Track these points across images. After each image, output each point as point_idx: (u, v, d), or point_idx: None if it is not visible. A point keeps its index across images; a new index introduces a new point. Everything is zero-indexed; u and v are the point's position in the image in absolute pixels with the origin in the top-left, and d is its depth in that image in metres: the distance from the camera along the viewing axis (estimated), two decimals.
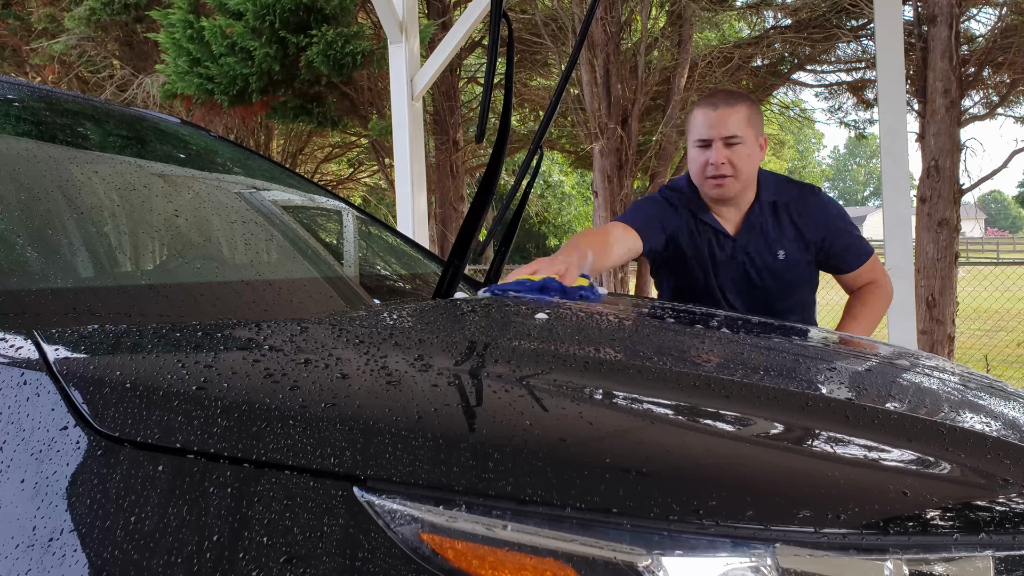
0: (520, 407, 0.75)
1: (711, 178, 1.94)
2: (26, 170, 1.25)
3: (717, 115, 1.91)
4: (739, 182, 1.94)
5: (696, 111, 1.98)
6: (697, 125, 1.95)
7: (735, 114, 1.91)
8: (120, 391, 0.71)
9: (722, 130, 1.91)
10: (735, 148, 1.91)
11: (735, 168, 1.92)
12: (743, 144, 1.92)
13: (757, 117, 1.96)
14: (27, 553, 0.65)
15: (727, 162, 1.92)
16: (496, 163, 1.20)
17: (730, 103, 1.92)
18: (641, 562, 0.62)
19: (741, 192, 1.99)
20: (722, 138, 1.91)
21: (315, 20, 6.51)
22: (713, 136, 1.92)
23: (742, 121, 1.91)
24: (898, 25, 3.41)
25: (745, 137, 1.92)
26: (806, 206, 2.03)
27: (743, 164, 1.93)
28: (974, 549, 0.69)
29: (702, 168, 1.95)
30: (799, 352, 1.29)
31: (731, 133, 1.90)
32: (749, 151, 1.93)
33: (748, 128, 1.92)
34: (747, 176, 1.96)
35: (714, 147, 1.92)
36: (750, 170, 1.96)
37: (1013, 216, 75.18)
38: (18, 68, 9.61)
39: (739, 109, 1.92)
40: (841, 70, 8.91)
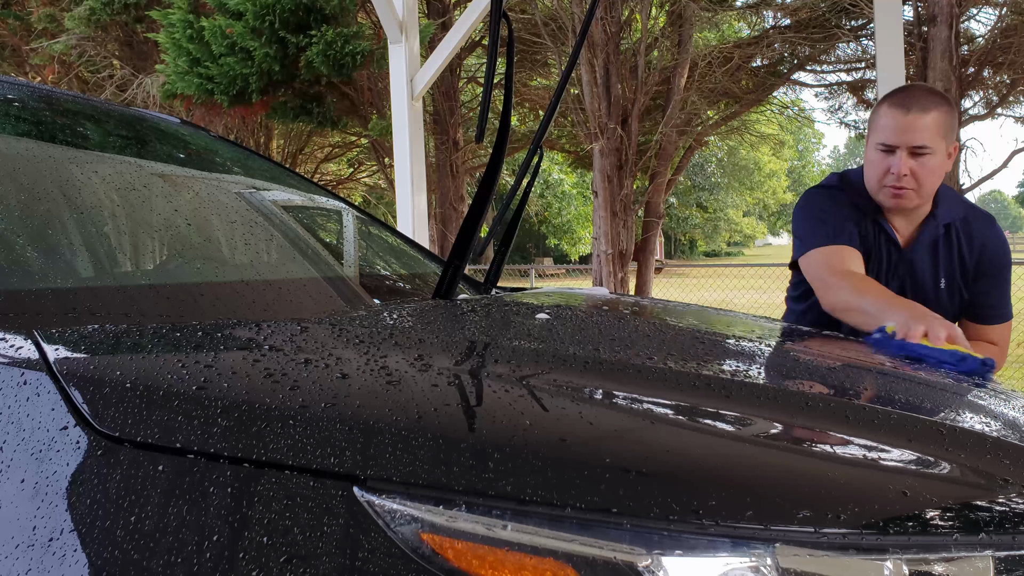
0: (520, 407, 0.75)
1: (890, 187, 1.74)
2: (26, 170, 1.25)
3: (908, 120, 1.69)
4: (920, 196, 1.75)
5: (884, 108, 1.75)
6: (883, 127, 1.73)
7: (928, 121, 1.69)
8: (120, 391, 0.71)
9: (911, 138, 1.69)
10: (922, 159, 1.70)
11: (918, 181, 1.72)
12: (932, 155, 1.70)
13: (951, 123, 1.73)
14: (27, 553, 0.65)
15: (910, 174, 1.71)
16: (496, 163, 1.20)
17: (924, 107, 1.69)
18: (641, 562, 0.62)
19: (920, 206, 1.80)
20: (909, 147, 1.70)
21: (315, 20, 6.51)
22: (899, 143, 1.70)
23: (935, 130, 1.69)
24: (898, 25, 3.41)
25: (935, 148, 1.70)
26: (982, 237, 1.84)
27: (927, 178, 1.72)
28: (974, 549, 0.69)
29: (882, 175, 1.75)
30: (799, 352, 1.29)
31: (920, 143, 1.69)
32: (937, 163, 1.72)
33: (940, 138, 1.70)
34: (930, 190, 1.76)
35: (898, 155, 1.71)
36: (934, 184, 1.75)
37: (1013, 216, 75.22)
38: (18, 68, 9.62)
39: (933, 116, 1.69)
40: (841, 70, 8.92)
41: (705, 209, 34.30)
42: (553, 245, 31.36)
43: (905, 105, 1.71)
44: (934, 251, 1.83)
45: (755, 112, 11.02)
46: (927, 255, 1.83)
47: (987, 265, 1.83)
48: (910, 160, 1.70)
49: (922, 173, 1.71)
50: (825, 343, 1.43)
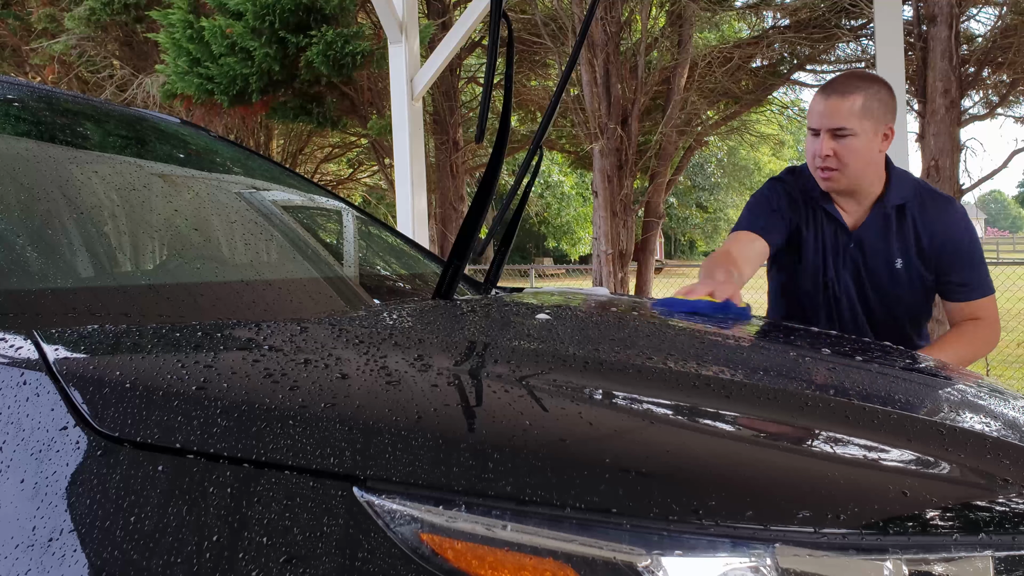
0: (520, 407, 0.75)
1: (819, 169, 1.85)
2: (26, 170, 1.25)
3: (828, 104, 1.80)
4: (846, 176, 1.83)
5: (815, 95, 1.87)
6: (810, 112, 1.86)
7: (847, 104, 1.77)
8: (120, 391, 0.71)
9: (829, 121, 1.79)
10: (844, 140, 1.79)
11: (842, 161, 1.80)
12: (855, 137, 1.78)
13: (877, 106, 1.79)
14: (27, 553, 0.65)
15: (833, 154, 1.80)
16: (496, 163, 1.20)
17: (844, 92, 1.79)
18: (641, 562, 0.62)
19: (858, 185, 1.86)
20: (829, 129, 1.80)
21: (315, 20, 6.51)
22: (821, 126, 1.81)
23: (854, 112, 1.77)
24: (898, 25, 3.41)
25: (857, 129, 1.78)
26: (939, 215, 1.87)
27: (851, 158, 1.80)
28: (974, 549, 0.69)
29: (811, 158, 1.86)
30: (799, 352, 1.29)
31: (838, 125, 1.78)
32: (861, 144, 1.79)
33: (862, 119, 1.78)
34: (857, 170, 1.82)
35: (821, 137, 1.81)
36: (861, 164, 1.82)
37: (1013, 216, 75.19)
38: (18, 68, 9.62)
39: (853, 99, 1.77)
40: (841, 70, 8.91)
41: (705, 209, 34.28)
42: (553, 245, 31.35)
43: (827, 90, 1.81)
44: (885, 232, 1.87)
45: (755, 112, 11.02)
46: (878, 236, 1.87)
47: (948, 245, 1.85)
48: (832, 142, 1.79)
49: (844, 153, 1.79)
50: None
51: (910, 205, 1.87)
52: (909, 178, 1.94)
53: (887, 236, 1.87)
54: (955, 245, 1.86)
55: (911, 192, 1.89)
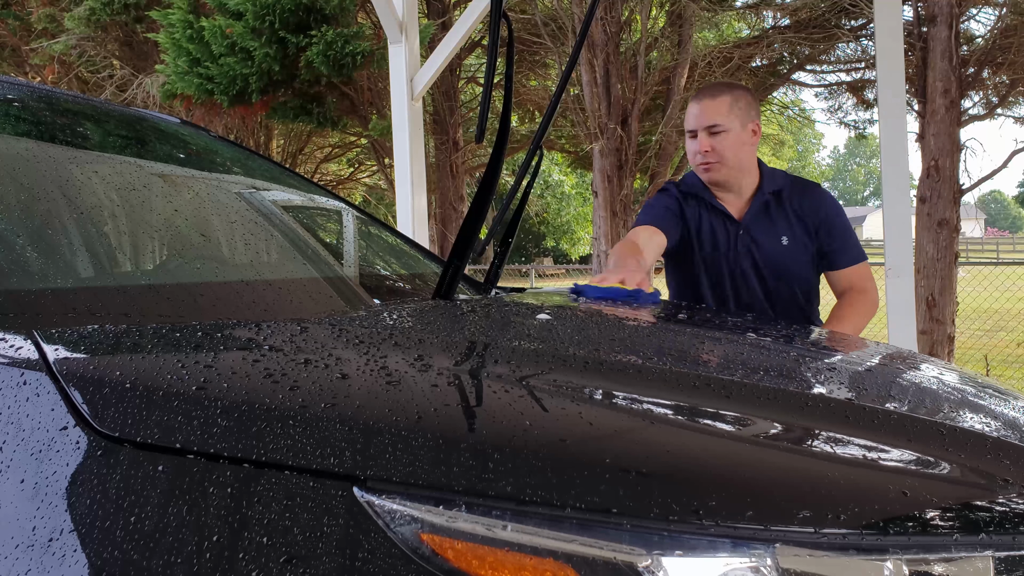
0: (520, 407, 0.75)
1: (700, 164, 2.11)
2: (26, 170, 1.25)
3: (700, 107, 2.08)
4: (725, 167, 2.09)
5: (689, 104, 2.15)
6: (687, 117, 2.14)
7: (716, 104, 2.06)
8: (120, 391, 0.71)
9: (704, 120, 2.07)
10: (718, 136, 2.07)
11: (719, 155, 2.07)
12: (727, 132, 2.06)
13: (742, 105, 2.08)
14: (27, 553, 0.65)
15: (711, 149, 2.07)
16: (496, 163, 1.20)
17: (712, 95, 2.08)
18: (641, 562, 0.62)
19: (736, 178, 2.12)
20: (704, 128, 2.07)
21: (315, 20, 6.51)
22: (697, 126, 2.09)
23: (723, 111, 2.06)
24: (898, 25, 3.41)
25: (727, 125, 2.06)
26: (809, 196, 2.14)
27: (727, 151, 2.07)
28: (974, 549, 0.69)
29: (693, 156, 2.13)
30: (799, 352, 1.29)
31: (711, 123, 2.06)
32: (734, 139, 2.07)
33: (730, 117, 2.06)
34: (734, 162, 2.09)
35: (699, 136, 2.09)
36: (736, 156, 2.09)
37: (1013, 216, 75.21)
38: (18, 68, 9.61)
39: (721, 100, 2.06)
40: (841, 70, 8.91)
41: None
42: (552, 245, 31.34)
43: (698, 96, 2.12)
44: (768, 216, 2.14)
45: None
46: (763, 220, 2.14)
47: (823, 221, 2.12)
48: (708, 138, 2.08)
49: (720, 147, 2.07)
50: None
51: (785, 192, 2.14)
52: (779, 172, 2.21)
53: (770, 218, 2.14)
54: (828, 221, 2.12)
55: (784, 181, 2.16)
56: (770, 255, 2.11)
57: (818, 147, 50.37)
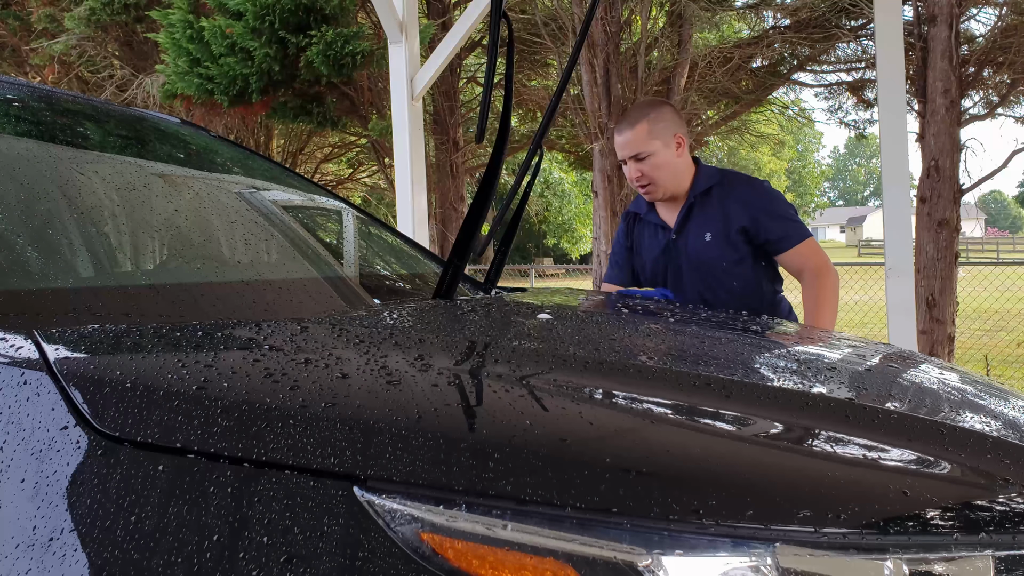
0: (520, 407, 0.75)
1: (638, 187, 2.24)
2: (26, 170, 1.25)
3: (620, 140, 2.20)
4: (660, 185, 2.21)
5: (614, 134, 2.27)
6: (615, 147, 2.24)
7: (635, 134, 2.17)
8: (120, 391, 0.71)
9: (628, 150, 2.19)
10: (644, 162, 2.18)
11: (650, 177, 2.19)
12: (652, 155, 2.17)
13: (661, 126, 2.17)
14: (27, 553, 0.65)
15: (642, 174, 2.19)
16: (496, 163, 1.20)
17: (631, 124, 2.19)
18: (641, 562, 0.62)
19: (674, 190, 2.23)
20: (629, 157, 2.20)
21: (315, 20, 6.51)
22: (624, 156, 2.22)
23: (642, 137, 2.17)
24: (898, 25, 3.41)
25: (650, 149, 2.17)
26: (736, 190, 2.21)
27: (655, 172, 2.19)
28: (974, 549, 0.69)
29: (630, 181, 2.26)
30: (799, 352, 1.29)
31: (635, 152, 2.18)
32: (659, 159, 2.18)
33: (651, 140, 2.17)
34: (666, 178, 2.20)
35: (628, 164, 2.22)
36: (666, 174, 2.20)
37: (1013, 216, 75.20)
38: (18, 68, 9.61)
39: (639, 127, 2.17)
40: (841, 70, 8.90)
41: None
42: (553, 244, 31.33)
43: (619, 127, 2.23)
44: (694, 215, 2.24)
45: (755, 112, 11.01)
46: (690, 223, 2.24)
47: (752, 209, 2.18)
48: (638, 164, 2.19)
49: (648, 170, 2.19)
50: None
51: (715, 189, 2.22)
52: (715, 170, 2.28)
53: (697, 218, 2.23)
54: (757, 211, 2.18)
55: (716, 179, 2.24)
56: (696, 253, 2.21)
57: (818, 147, 50.37)
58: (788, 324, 1.81)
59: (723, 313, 1.72)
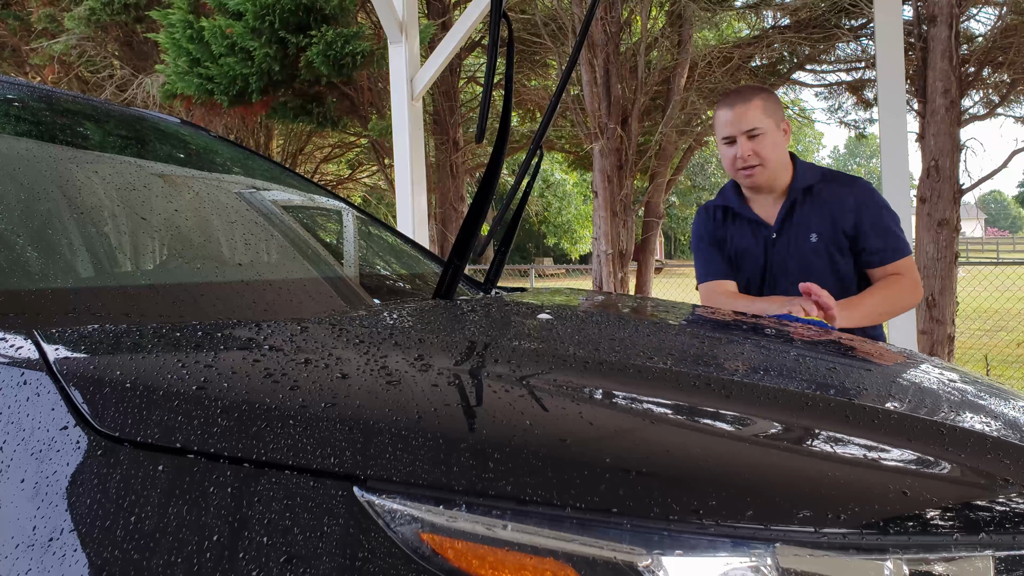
0: (520, 407, 0.75)
1: (741, 169, 2.10)
2: (26, 170, 1.25)
3: (735, 113, 2.07)
4: (767, 169, 2.08)
5: (717, 112, 2.13)
6: (720, 124, 2.11)
7: (751, 109, 2.06)
8: (120, 391, 0.71)
9: (742, 124, 2.06)
10: (757, 139, 2.06)
11: (761, 157, 2.06)
12: (764, 134, 2.06)
13: (773, 106, 2.09)
14: (27, 553, 0.65)
15: (753, 153, 2.06)
16: (496, 163, 1.20)
17: (745, 99, 2.08)
18: (641, 562, 0.62)
19: (774, 179, 2.11)
20: (743, 132, 2.06)
21: (315, 20, 6.51)
22: (735, 132, 2.08)
23: (759, 113, 2.06)
24: (898, 25, 3.41)
25: (764, 127, 2.06)
26: (841, 192, 2.09)
27: (767, 152, 2.07)
28: (974, 549, 0.69)
29: (732, 163, 2.11)
30: (799, 352, 1.29)
31: (751, 127, 2.05)
32: (772, 139, 2.07)
33: (766, 118, 2.06)
34: (775, 162, 2.09)
35: (738, 142, 2.08)
36: (776, 156, 2.08)
37: (1013, 216, 75.19)
38: (18, 68, 9.61)
39: (754, 102, 2.06)
40: (841, 70, 8.91)
41: None
42: (553, 244, 31.34)
43: (730, 103, 2.10)
44: (799, 216, 2.11)
45: None
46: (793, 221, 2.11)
47: (862, 216, 2.07)
48: (749, 143, 2.07)
49: (761, 149, 2.07)
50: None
51: (817, 187, 2.11)
52: (815, 167, 2.16)
53: (801, 218, 2.10)
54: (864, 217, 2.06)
55: (818, 176, 2.13)
56: (801, 255, 2.08)
57: (818, 147, 50.36)
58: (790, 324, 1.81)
59: (725, 314, 1.72)
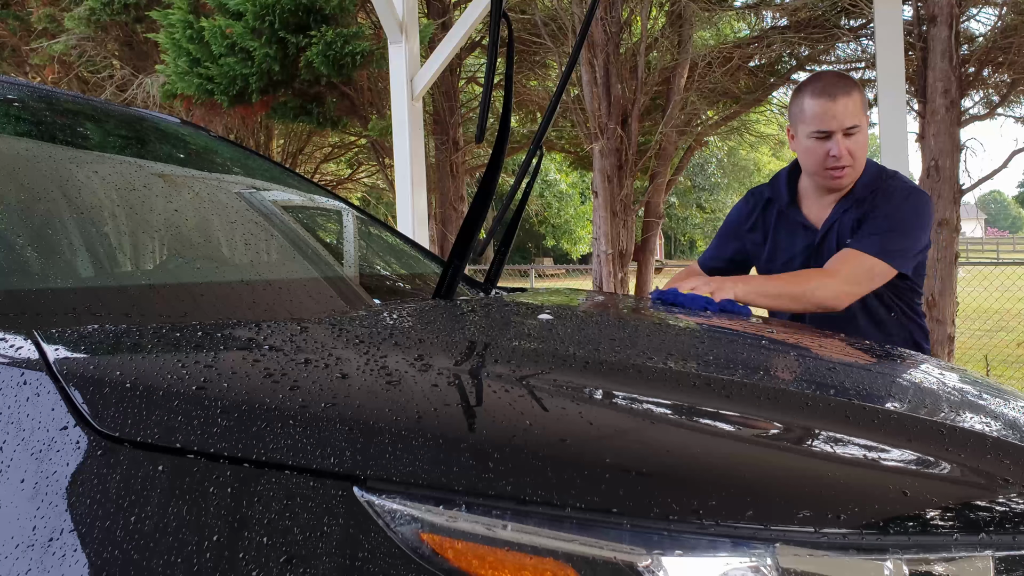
0: (520, 407, 0.75)
1: (832, 169, 1.89)
2: (26, 170, 1.25)
3: (839, 105, 1.84)
4: (856, 171, 1.92)
5: (809, 100, 1.89)
6: (816, 115, 1.87)
7: (852, 102, 1.85)
8: (120, 391, 0.71)
9: (844, 121, 1.85)
10: (854, 138, 1.87)
11: (854, 158, 1.88)
12: (861, 132, 1.88)
13: (866, 100, 1.91)
14: (27, 553, 0.65)
15: (847, 152, 1.87)
16: (496, 163, 1.20)
17: (847, 91, 1.85)
18: (641, 562, 0.62)
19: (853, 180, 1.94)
20: (843, 129, 1.85)
21: (315, 20, 6.51)
22: (835, 128, 1.85)
23: (859, 109, 1.86)
24: (898, 25, 3.41)
25: (862, 124, 1.88)
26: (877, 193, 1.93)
27: (860, 152, 1.90)
28: (974, 549, 0.69)
29: (822, 159, 1.89)
30: (797, 352, 1.29)
31: (853, 123, 1.85)
32: (864, 139, 1.91)
33: (862, 115, 1.88)
34: (862, 163, 1.93)
35: (835, 139, 1.86)
36: (864, 156, 1.93)
37: (1013, 216, 75.18)
38: (18, 68, 9.61)
39: (855, 96, 1.86)
40: (841, 70, 8.90)
41: (705, 209, 34.28)
42: (553, 245, 31.35)
43: (831, 93, 1.85)
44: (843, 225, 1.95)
45: (755, 112, 11.01)
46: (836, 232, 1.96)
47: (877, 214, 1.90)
48: (846, 141, 1.86)
49: (856, 149, 1.88)
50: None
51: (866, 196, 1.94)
52: (876, 170, 1.99)
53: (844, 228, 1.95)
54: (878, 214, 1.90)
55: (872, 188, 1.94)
56: None
57: None
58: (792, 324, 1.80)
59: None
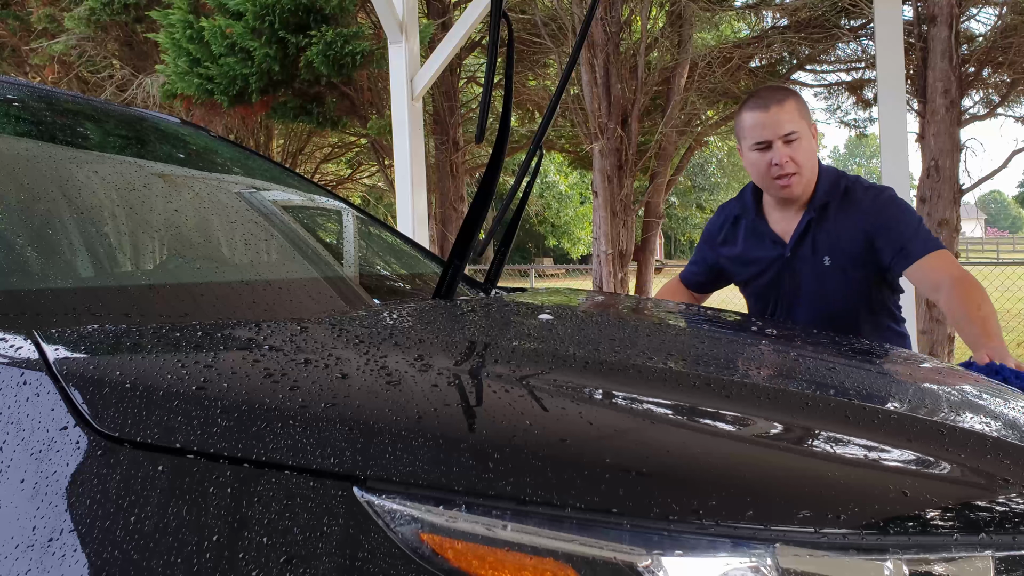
0: (520, 407, 0.75)
1: (777, 178, 1.89)
2: (26, 170, 1.25)
3: (770, 114, 1.86)
4: (804, 176, 1.89)
5: (745, 114, 1.92)
6: (750, 128, 1.89)
7: (786, 110, 1.86)
8: (120, 391, 0.71)
9: (779, 129, 1.85)
10: (794, 144, 1.86)
11: (798, 164, 1.87)
12: (801, 139, 1.87)
13: (805, 107, 1.91)
14: (27, 553, 0.65)
15: (790, 160, 1.86)
16: (496, 163, 1.20)
17: (779, 100, 1.87)
18: (641, 562, 0.62)
19: (808, 188, 1.92)
20: (780, 137, 1.86)
21: (315, 20, 6.51)
22: (771, 136, 1.86)
23: (795, 116, 1.86)
24: (898, 25, 3.41)
25: (801, 131, 1.87)
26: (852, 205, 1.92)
27: (804, 158, 1.88)
28: (974, 549, 0.69)
29: (766, 170, 1.89)
30: (797, 352, 1.29)
31: (789, 130, 1.85)
32: (807, 144, 1.88)
33: (801, 120, 1.87)
34: (810, 169, 1.90)
35: (775, 147, 1.86)
36: (811, 163, 1.91)
37: (1013, 216, 75.19)
38: (18, 68, 9.61)
39: (788, 104, 1.87)
40: (841, 70, 8.90)
41: (705, 209, 34.31)
42: (553, 245, 31.35)
43: (763, 104, 1.88)
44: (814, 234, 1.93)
45: None
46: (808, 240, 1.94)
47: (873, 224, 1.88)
48: (786, 148, 1.86)
49: (798, 155, 1.87)
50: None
51: (832, 205, 1.93)
52: (836, 175, 1.97)
53: (813, 236, 1.93)
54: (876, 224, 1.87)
55: (838, 191, 1.93)
56: (813, 279, 1.93)
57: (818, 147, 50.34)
58: (793, 324, 1.80)
59: (729, 315, 1.72)
